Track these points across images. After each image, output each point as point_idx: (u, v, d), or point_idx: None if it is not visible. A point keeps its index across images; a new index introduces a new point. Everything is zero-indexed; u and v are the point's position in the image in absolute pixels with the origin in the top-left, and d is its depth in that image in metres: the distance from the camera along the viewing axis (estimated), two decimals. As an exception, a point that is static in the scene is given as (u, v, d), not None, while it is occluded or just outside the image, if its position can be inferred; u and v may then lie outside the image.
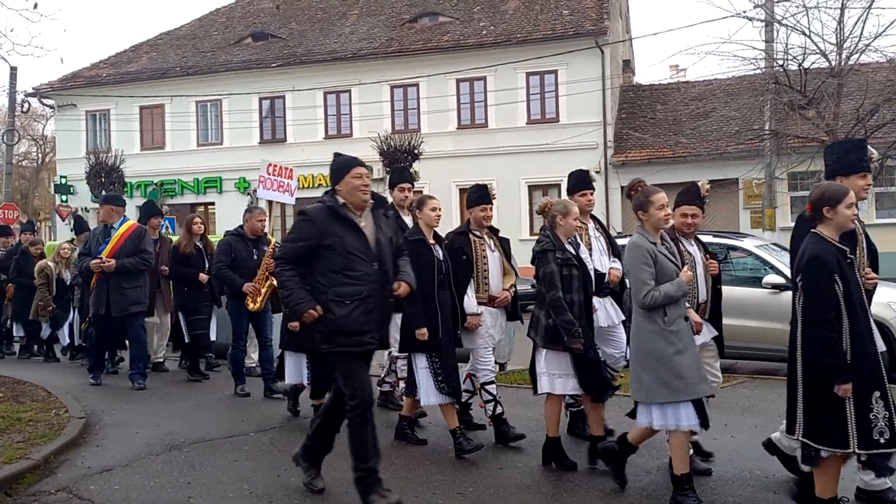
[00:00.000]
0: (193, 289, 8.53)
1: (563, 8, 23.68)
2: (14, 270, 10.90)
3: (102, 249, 7.80)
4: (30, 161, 44.17)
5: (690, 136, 21.50)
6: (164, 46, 27.70)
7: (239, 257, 7.37)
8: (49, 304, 10.29)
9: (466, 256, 5.66)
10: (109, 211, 8.14)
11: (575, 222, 5.17)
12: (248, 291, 7.25)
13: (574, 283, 5.01)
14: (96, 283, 7.87)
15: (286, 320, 6.18)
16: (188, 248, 8.51)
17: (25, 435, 5.55)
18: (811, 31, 14.23)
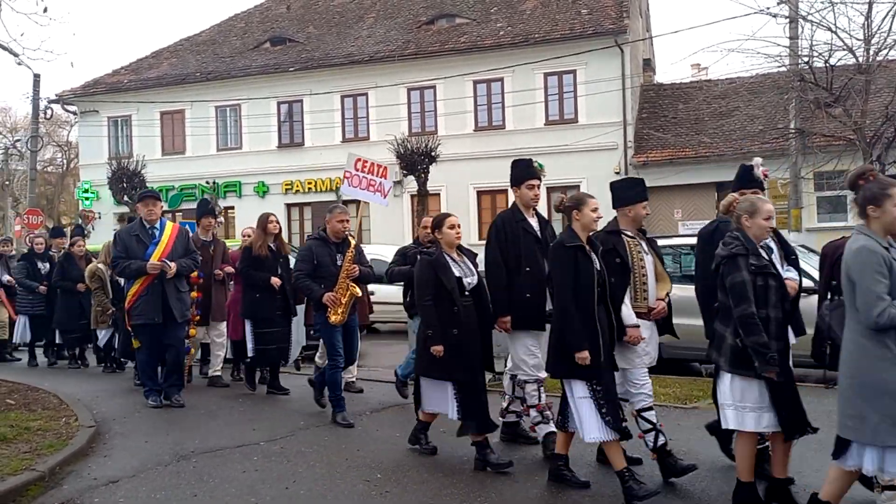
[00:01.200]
0: (266, 295, 7.68)
1: (581, 7, 23.43)
2: (58, 274, 10.36)
3: (152, 251, 7.11)
4: (55, 167, 44.69)
5: (713, 136, 21.16)
6: (185, 52, 27.84)
7: (321, 263, 6.53)
8: (108, 307, 9.50)
9: (621, 260, 5.00)
10: (153, 207, 7.36)
11: (767, 223, 4.40)
12: (328, 302, 6.39)
13: (771, 297, 4.23)
14: (146, 288, 7.10)
15: (424, 343, 5.40)
16: (262, 249, 7.71)
17: (33, 445, 5.48)
18: (837, 27, 13.87)
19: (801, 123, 16.08)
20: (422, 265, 5.43)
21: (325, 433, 6.35)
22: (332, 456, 5.65)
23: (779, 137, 17.46)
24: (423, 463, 5.49)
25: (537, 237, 5.55)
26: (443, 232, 5.47)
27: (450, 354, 5.23)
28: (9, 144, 37.51)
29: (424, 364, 5.42)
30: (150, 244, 7.16)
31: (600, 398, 4.58)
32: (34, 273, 10.76)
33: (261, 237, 7.82)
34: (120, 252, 7.23)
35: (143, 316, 7.14)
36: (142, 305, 7.12)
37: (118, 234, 7.50)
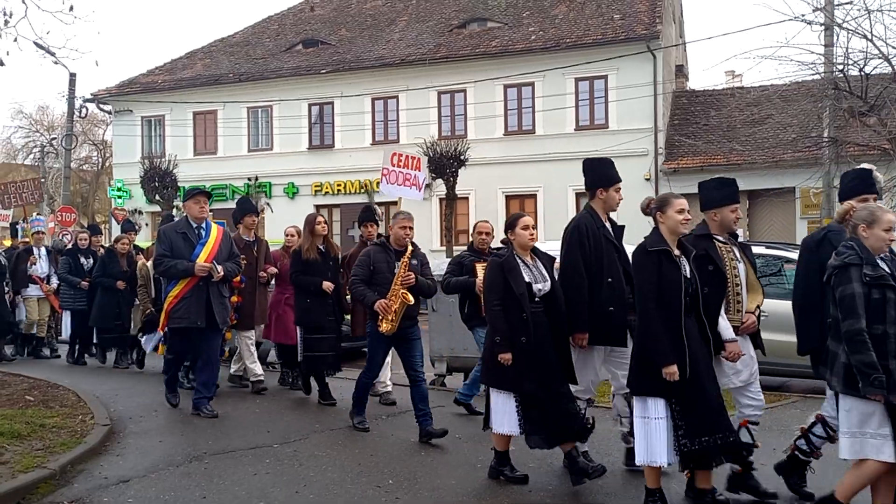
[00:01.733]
0: (317, 300, 7.27)
1: (614, 12, 23.26)
2: (98, 270, 10.12)
3: (199, 251, 6.72)
4: (91, 165, 45.47)
5: (745, 143, 20.84)
6: (218, 53, 28.15)
7: (378, 270, 6.14)
8: (147, 307, 9.09)
9: (715, 267, 4.60)
10: (204, 205, 6.93)
11: (888, 235, 4.07)
12: (379, 309, 5.98)
13: (890, 311, 3.91)
14: (191, 290, 6.70)
15: (491, 351, 5.03)
16: (311, 252, 7.27)
17: (46, 442, 5.52)
18: (874, 35, 13.56)
19: (834, 132, 15.76)
20: (491, 267, 5.12)
21: (339, 437, 6.32)
22: (344, 460, 5.62)
23: (812, 146, 17.13)
24: (436, 469, 5.43)
25: (616, 245, 5.16)
26: (516, 233, 5.13)
27: (517, 363, 4.89)
28: (45, 142, 38.23)
29: (491, 373, 5.09)
30: (198, 244, 6.75)
31: (678, 419, 4.30)
32: (77, 268, 10.59)
33: (308, 239, 7.37)
34: (165, 250, 6.73)
35: (185, 319, 6.71)
36: (184, 308, 6.70)
37: (163, 231, 7.00)
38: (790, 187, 18.90)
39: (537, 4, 24.94)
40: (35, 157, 42.69)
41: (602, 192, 5.22)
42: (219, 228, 7.05)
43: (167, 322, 6.89)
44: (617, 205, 5.26)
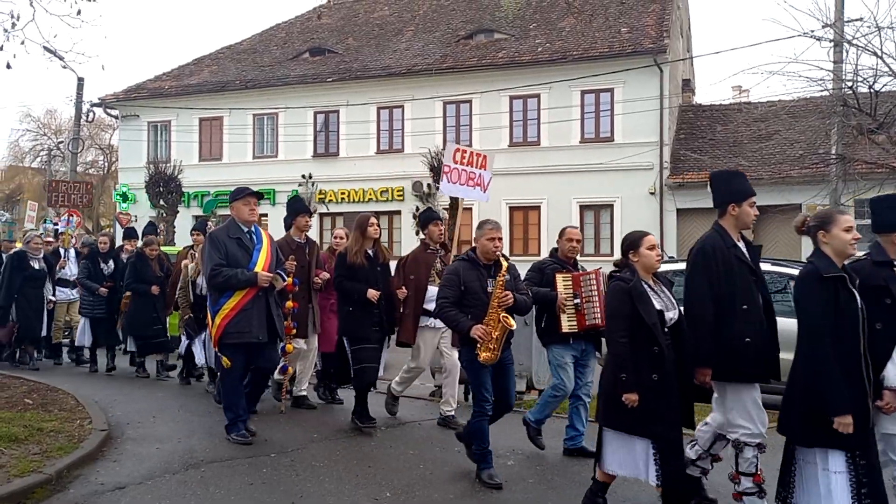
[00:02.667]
0: (362, 309, 6.63)
1: (621, 25, 23.27)
2: (130, 276, 9.64)
3: (257, 258, 6.14)
4: (97, 169, 45.59)
5: (751, 159, 20.78)
6: (225, 60, 28.23)
7: (470, 290, 5.34)
8: (187, 312, 8.72)
9: (893, 301, 4.01)
10: (254, 207, 6.33)
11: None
12: (478, 336, 5.19)
13: None
14: (250, 301, 6.04)
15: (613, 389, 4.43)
16: (359, 256, 6.63)
17: (43, 446, 5.46)
18: (884, 52, 13.52)
19: (842, 149, 15.70)
20: (616, 294, 4.47)
21: (338, 447, 6.25)
22: (342, 471, 5.56)
23: (819, 163, 17.06)
24: (434, 482, 5.37)
25: (752, 267, 4.57)
26: (640, 253, 4.53)
27: (647, 404, 4.29)
28: (52, 146, 38.34)
29: (612, 414, 4.45)
30: (254, 250, 6.16)
31: (862, 473, 3.78)
32: (96, 273, 10.15)
33: (358, 242, 6.70)
34: (221, 258, 6.00)
35: (245, 334, 6.02)
36: (243, 321, 6.00)
37: (215, 236, 6.21)
38: (796, 204, 18.81)
39: (544, 17, 24.98)
40: (42, 161, 42.87)
41: (734, 207, 4.66)
42: (265, 232, 6.49)
43: (221, 337, 6.04)
44: (752, 221, 4.72)
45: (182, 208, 24.83)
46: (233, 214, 6.37)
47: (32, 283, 10.14)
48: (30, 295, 10.11)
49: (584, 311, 5.87)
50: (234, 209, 6.38)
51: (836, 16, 15.18)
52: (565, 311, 5.90)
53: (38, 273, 10.19)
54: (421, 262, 6.95)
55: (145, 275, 9.61)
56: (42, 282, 10.26)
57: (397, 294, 6.83)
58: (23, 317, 10.08)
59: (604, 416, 4.56)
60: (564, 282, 5.95)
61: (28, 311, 10.10)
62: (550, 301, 5.95)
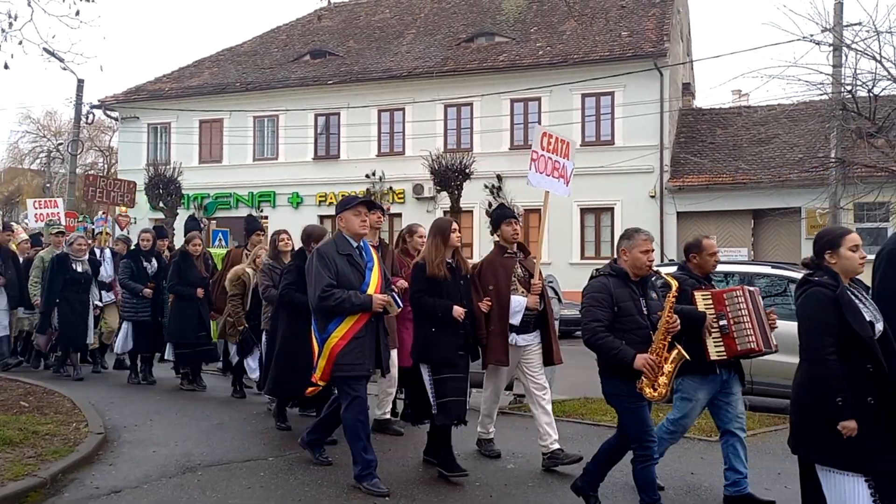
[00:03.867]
0: (446, 330, 5.47)
1: (621, 29, 23.29)
2: (174, 277, 8.80)
3: (370, 280, 5.22)
4: (96, 171, 45.60)
5: (751, 163, 20.79)
6: (226, 62, 28.24)
7: (624, 311, 4.53)
8: (241, 322, 7.91)
9: None
10: (365, 219, 5.38)
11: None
12: (644, 367, 4.38)
13: None
14: (363, 328, 5.14)
15: (823, 416, 3.69)
16: (441, 268, 5.52)
17: (38, 450, 5.44)
18: (883, 57, 13.51)
19: (841, 153, 15.70)
20: (821, 303, 3.77)
21: (337, 451, 6.19)
22: (340, 475, 5.52)
23: (819, 166, 17.07)
24: (434, 486, 5.34)
25: None
26: (839, 254, 3.86)
27: (866, 434, 3.61)
28: (52, 147, 38.36)
29: (831, 449, 3.72)
30: (366, 269, 5.26)
31: None
32: (139, 273, 9.27)
33: (440, 250, 5.59)
34: (332, 278, 5.10)
35: (358, 365, 5.13)
36: (356, 351, 5.12)
37: (323, 253, 5.24)
38: (796, 207, 18.83)
39: (545, 20, 24.99)
40: (41, 162, 42.89)
41: None
42: (372, 247, 5.63)
43: (333, 370, 5.15)
44: None
45: (182, 210, 24.80)
46: (341, 226, 5.37)
47: (75, 286, 9.37)
48: (72, 299, 9.34)
49: (733, 335, 4.96)
50: (343, 221, 5.34)
51: (835, 20, 15.21)
52: (710, 334, 5.00)
53: (82, 276, 9.42)
54: (499, 268, 5.90)
55: (190, 275, 8.74)
56: (86, 285, 9.51)
57: (480, 308, 5.74)
58: (64, 323, 9.31)
59: (823, 453, 3.77)
60: (705, 300, 5.04)
61: (70, 317, 9.31)
62: (697, 322, 4.95)
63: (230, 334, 8.21)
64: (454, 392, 5.47)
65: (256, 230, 8.66)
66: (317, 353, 5.22)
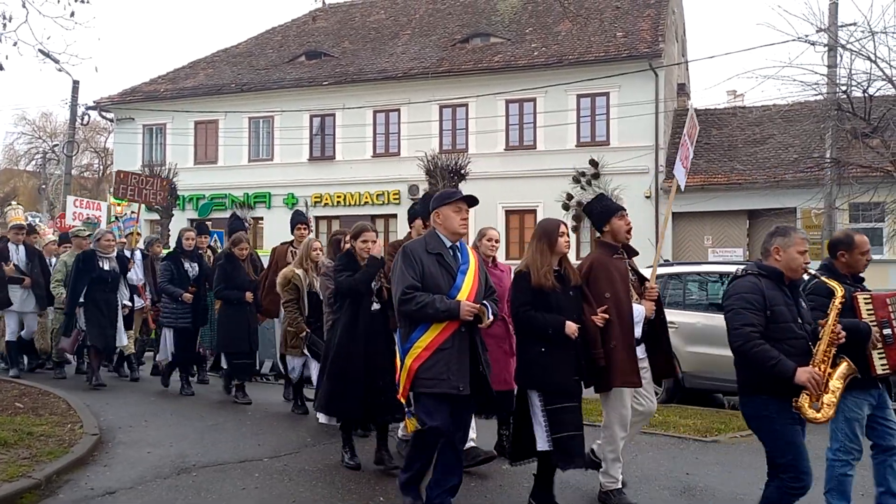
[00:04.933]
0: (558, 351, 4.66)
1: (616, 30, 23.33)
2: (220, 280, 8.06)
3: (461, 284, 4.53)
4: (91, 172, 45.53)
5: (746, 163, 20.84)
6: (221, 63, 28.20)
7: (777, 315, 4.00)
8: (302, 328, 7.11)
9: None
10: (466, 216, 4.74)
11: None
12: (808, 382, 3.85)
13: None
14: (449, 339, 4.45)
15: None
16: (548, 277, 4.68)
17: (33, 451, 5.41)
18: (878, 57, 13.55)
19: (837, 153, 15.74)
20: None
21: (332, 452, 6.21)
22: (335, 476, 5.52)
23: (814, 167, 17.11)
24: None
25: None
26: None
27: None
28: (48, 149, 38.30)
29: None
30: (458, 271, 4.60)
31: None
32: (180, 276, 8.62)
33: (546, 257, 4.76)
34: (416, 279, 4.49)
35: (441, 381, 4.41)
36: (439, 364, 4.42)
37: (409, 250, 4.63)
38: (791, 207, 18.86)
39: (540, 21, 25.01)
40: (37, 164, 42.79)
41: None
42: (472, 250, 4.93)
43: (413, 385, 4.52)
44: None
45: (177, 212, 24.76)
46: (436, 223, 4.70)
47: (102, 285, 8.68)
48: (99, 299, 8.65)
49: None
50: (440, 217, 4.67)
51: (830, 20, 15.23)
52: (876, 346, 4.48)
53: (109, 274, 8.71)
54: (613, 271, 5.04)
55: (237, 279, 8.02)
56: (114, 284, 8.81)
57: (595, 322, 4.82)
58: (91, 324, 8.62)
59: None
60: (866, 305, 4.50)
61: (97, 318, 8.62)
62: (861, 335, 4.39)
63: (292, 345, 7.22)
64: (572, 426, 4.62)
65: (300, 223, 8.01)
66: (398, 367, 4.63)
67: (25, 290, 9.52)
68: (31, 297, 9.61)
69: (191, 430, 6.79)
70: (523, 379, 4.76)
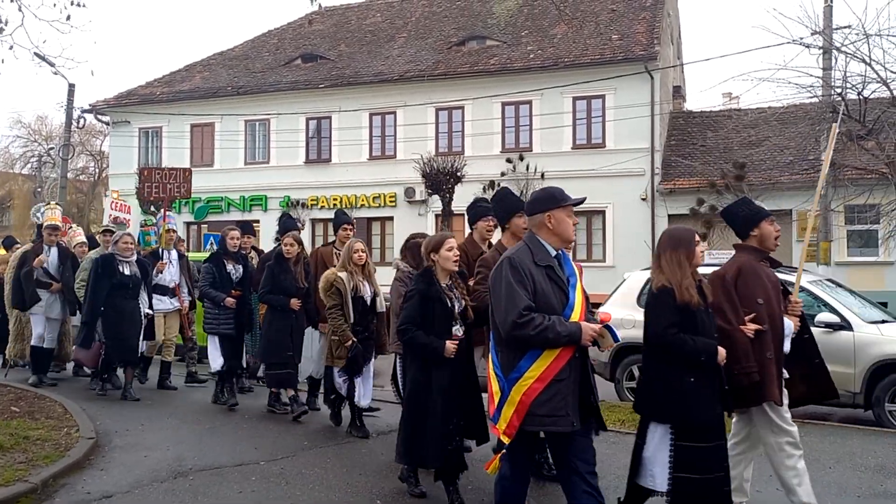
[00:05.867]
0: (704, 379, 4.10)
1: (612, 32, 23.37)
2: (267, 284, 7.41)
3: (573, 302, 3.86)
4: (87, 175, 45.42)
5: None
6: (217, 66, 28.18)
7: None
8: (348, 337, 6.33)
9: None
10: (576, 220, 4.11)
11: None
12: None
13: None
14: (564, 368, 3.78)
15: None
16: (692, 293, 4.13)
17: (29, 455, 5.41)
18: (872, 59, 13.60)
19: (832, 155, 15.78)
20: None
21: (329, 455, 6.21)
22: (332, 479, 5.51)
23: (809, 169, 17.16)
24: (427, 491, 5.32)
25: None
26: None
27: None
28: (43, 152, 38.21)
29: None
30: (569, 287, 3.93)
31: None
32: (222, 279, 7.95)
33: (684, 269, 4.18)
34: (529, 297, 3.78)
35: (562, 419, 3.76)
36: (557, 400, 3.76)
37: (516, 263, 3.86)
38: (787, 210, 18.90)
39: (536, 23, 25.05)
40: (32, 167, 42.68)
41: None
42: None
43: (525, 422, 3.79)
44: None
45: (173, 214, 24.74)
46: (548, 225, 3.95)
47: (122, 291, 8.11)
48: (120, 307, 8.08)
49: None
50: (552, 220, 3.95)
51: (824, 23, 15.27)
52: None
53: (130, 279, 8.17)
54: (765, 279, 4.62)
55: (285, 283, 7.37)
56: (135, 290, 8.23)
57: (746, 333, 4.41)
58: (112, 334, 8.07)
59: None
60: None
61: (119, 327, 8.05)
62: None
63: (338, 356, 6.46)
64: (719, 465, 4.09)
65: (345, 223, 7.49)
66: (496, 398, 3.88)
67: (52, 295, 9.03)
68: (58, 301, 9.08)
69: (188, 433, 6.78)
70: (657, 411, 4.14)
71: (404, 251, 6.34)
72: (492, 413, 3.92)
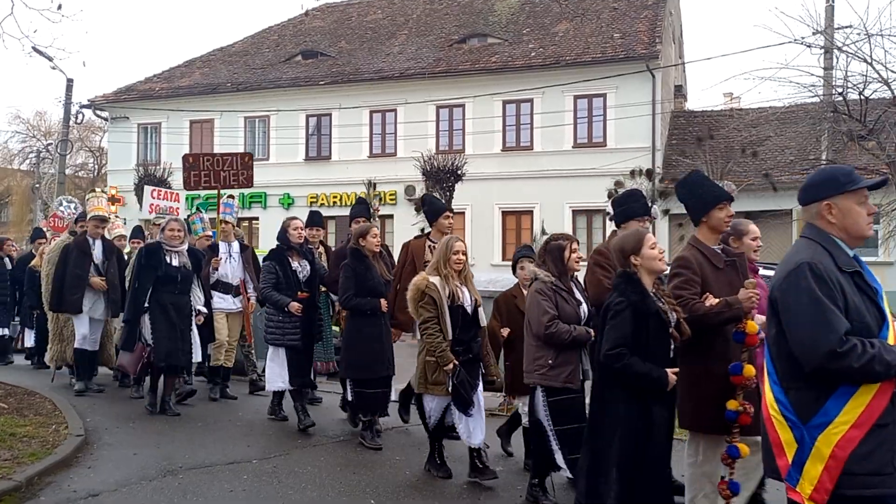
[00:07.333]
0: None
1: (614, 31, 23.29)
2: (348, 286, 6.15)
3: (888, 320, 2.99)
4: (86, 172, 45.32)
5: (742, 165, 20.79)
6: (217, 62, 28.10)
7: None
8: (448, 359, 5.14)
9: None
10: None
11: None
12: None
13: None
14: (891, 406, 2.79)
15: None
16: None
17: (15, 452, 5.32)
18: (873, 59, 13.50)
19: (832, 155, 15.70)
20: None
21: (322, 453, 6.14)
22: (325, 478, 5.44)
23: (809, 168, 17.06)
24: (421, 489, 5.27)
25: None
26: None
27: None
28: (41, 148, 38.15)
29: None
30: (878, 298, 3.00)
31: None
32: (286, 278, 6.72)
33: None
34: (841, 313, 2.83)
35: (889, 479, 2.80)
36: (882, 452, 2.81)
37: (818, 269, 2.86)
38: (787, 209, 18.83)
39: (538, 21, 24.97)
40: (31, 163, 42.62)
41: None
42: None
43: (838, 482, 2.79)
44: None
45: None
46: (830, 218, 2.99)
47: (170, 286, 7.10)
48: (167, 303, 7.08)
49: None
50: (834, 211, 2.99)
51: (826, 23, 15.20)
52: None
53: (178, 272, 7.13)
54: None
55: (369, 282, 6.11)
56: (186, 284, 7.21)
57: None
58: (158, 337, 7.03)
59: None
60: None
61: (166, 329, 7.04)
62: None
63: (434, 381, 5.27)
64: None
65: (442, 211, 6.28)
66: (790, 451, 2.89)
67: (95, 293, 8.05)
68: (101, 300, 8.11)
69: (179, 431, 6.69)
70: None
71: (543, 255, 5.06)
72: (782, 469, 2.92)
